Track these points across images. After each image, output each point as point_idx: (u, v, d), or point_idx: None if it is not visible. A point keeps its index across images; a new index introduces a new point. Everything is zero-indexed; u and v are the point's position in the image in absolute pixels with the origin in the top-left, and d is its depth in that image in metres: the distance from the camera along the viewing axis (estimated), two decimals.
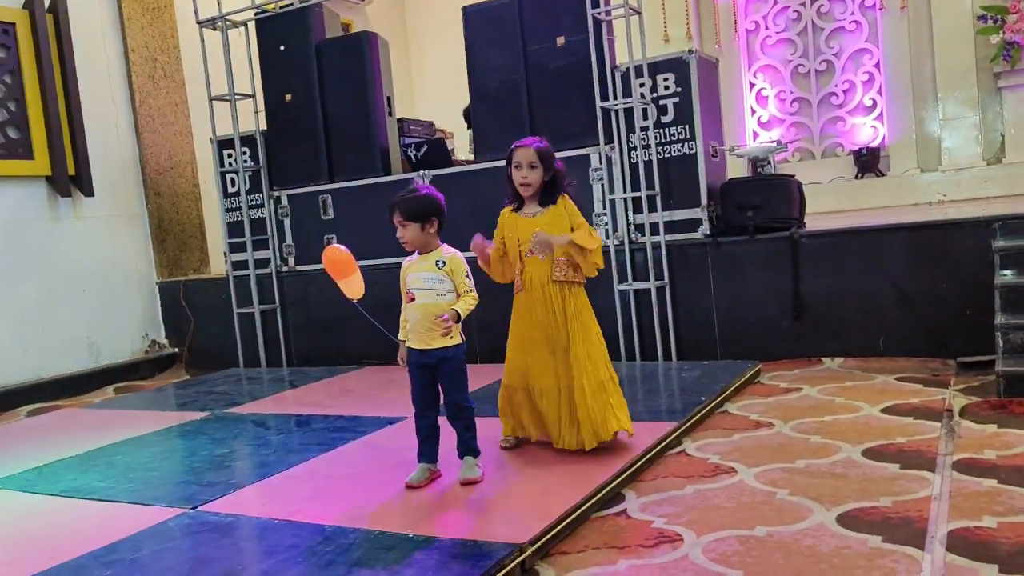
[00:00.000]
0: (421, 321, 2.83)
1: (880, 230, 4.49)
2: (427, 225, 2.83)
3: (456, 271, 2.84)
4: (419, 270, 2.86)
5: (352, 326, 5.80)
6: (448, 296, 2.83)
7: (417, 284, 2.85)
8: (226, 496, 2.95)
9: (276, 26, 6.01)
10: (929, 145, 7.93)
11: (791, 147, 8.45)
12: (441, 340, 2.81)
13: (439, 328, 2.75)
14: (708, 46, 8.69)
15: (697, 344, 4.80)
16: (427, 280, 2.83)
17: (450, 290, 2.83)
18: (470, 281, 2.86)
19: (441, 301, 2.82)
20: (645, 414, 3.61)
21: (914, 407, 3.48)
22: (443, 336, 2.78)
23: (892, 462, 2.81)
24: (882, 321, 4.37)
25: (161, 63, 6.77)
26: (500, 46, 5.27)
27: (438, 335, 2.80)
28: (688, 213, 4.85)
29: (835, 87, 8.38)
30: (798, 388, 4.00)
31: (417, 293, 2.85)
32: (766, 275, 4.64)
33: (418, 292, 2.85)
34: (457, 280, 2.83)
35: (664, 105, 4.85)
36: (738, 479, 2.79)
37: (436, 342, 2.82)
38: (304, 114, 5.94)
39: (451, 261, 2.84)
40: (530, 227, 3.06)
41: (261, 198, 6.16)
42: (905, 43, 7.93)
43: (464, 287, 2.84)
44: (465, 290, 2.84)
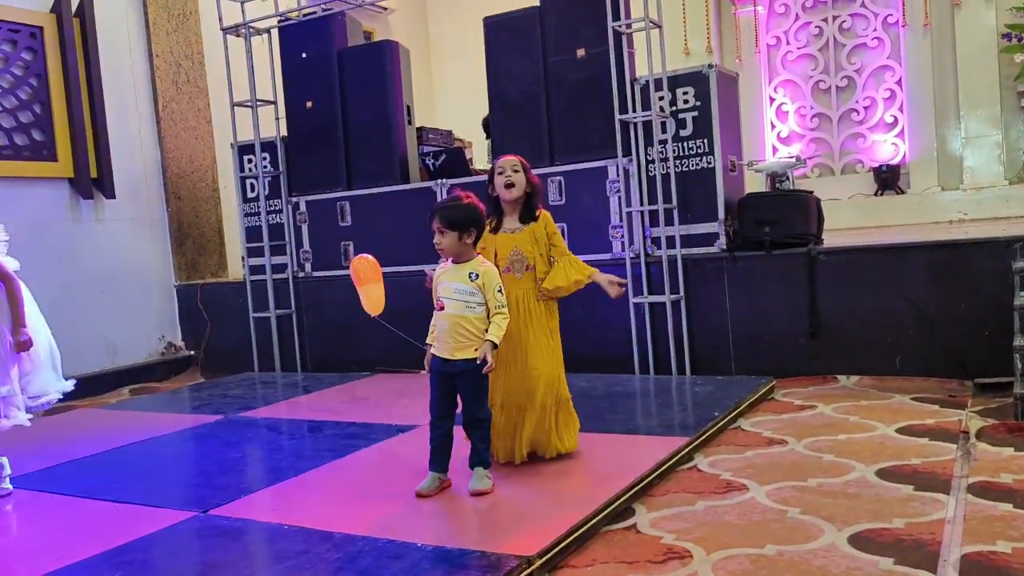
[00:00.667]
0: (448, 331, 2.83)
1: (899, 248, 4.46)
2: (465, 235, 2.83)
3: (488, 285, 2.82)
4: (452, 279, 2.85)
5: (367, 333, 5.82)
6: (478, 309, 2.82)
7: (448, 294, 2.84)
8: (237, 500, 2.96)
9: (299, 34, 6.06)
10: (950, 163, 7.88)
11: (810, 163, 8.42)
12: (465, 352, 2.81)
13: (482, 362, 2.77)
14: (729, 60, 8.69)
15: (711, 359, 4.78)
16: (458, 291, 2.82)
17: (480, 303, 2.82)
18: (502, 296, 2.85)
19: (470, 314, 2.82)
20: (657, 428, 3.60)
21: (930, 428, 3.45)
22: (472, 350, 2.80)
23: (906, 483, 2.78)
24: (899, 340, 4.34)
25: (185, 69, 6.84)
26: (520, 57, 5.29)
27: (464, 347, 2.80)
28: (705, 227, 4.83)
29: (856, 103, 8.35)
30: (812, 406, 3.97)
31: (447, 303, 2.84)
32: (782, 291, 4.62)
33: (448, 302, 2.84)
34: (489, 295, 2.82)
35: (683, 119, 4.85)
36: (750, 496, 2.77)
37: (460, 353, 2.82)
38: (324, 121, 5.99)
39: (484, 275, 2.83)
40: (508, 244, 3.11)
41: (280, 203, 6.20)
42: (928, 60, 7.90)
43: (495, 302, 2.83)
44: (496, 305, 2.82)
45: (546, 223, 3.13)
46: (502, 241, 3.13)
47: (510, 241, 3.11)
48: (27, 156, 5.73)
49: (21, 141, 5.70)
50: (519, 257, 3.09)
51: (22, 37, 5.72)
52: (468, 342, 2.81)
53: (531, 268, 3.09)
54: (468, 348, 2.81)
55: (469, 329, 2.82)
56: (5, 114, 5.62)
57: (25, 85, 5.74)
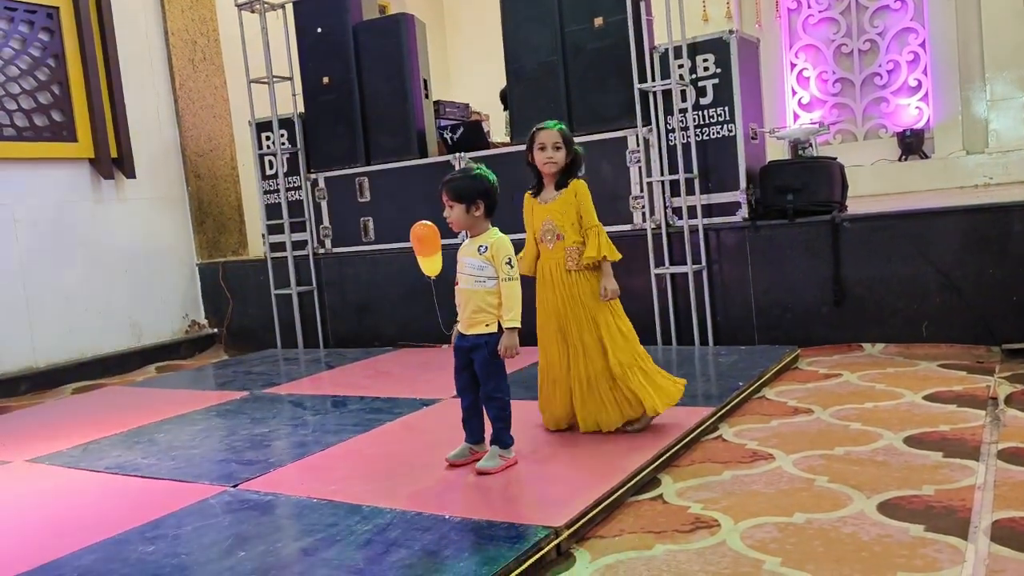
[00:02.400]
0: (463, 307, 2.83)
1: (924, 214, 4.40)
2: (472, 207, 2.79)
3: (497, 256, 2.77)
4: (465, 254, 2.84)
5: (389, 309, 5.85)
6: (488, 284, 2.79)
7: (461, 268, 2.84)
8: (265, 475, 3.00)
9: (313, 8, 6.03)
10: (976, 127, 7.75)
11: (832, 129, 8.30)
12: (477, 327, 2.81)
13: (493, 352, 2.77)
14: (748, 26, 8.56)
15: (735, 329, 4.76)
16: (469, 265, 2.80)
17: (491, 277, 2.78)
18: (511, 268, 2.79)
19: (480, 288, 2.79)
20: (683, 399, 3.59)
21: (958, 395, 3.42)
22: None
23: (935, 450, 2.76)
24: (925, 307, 4.29)
25: (200, 46, 6.83)
26: (537, 27, 5.23)
27: (477, 322, 2.80)
28: (727, 196, 4.79)
29: (879, 67, 8.21)
30: (838, 374, 3.95)
31: (461, 278, 2.84)
32: (806, 259, 4.57)
33: (462, 277, 2.84)
34: (498, 265, 2.77)
35: (703, 87, 4.79)
36: (776, 465, 2.76)
37: (473, 328, 2.82)
38: (341, 96, 5.97)
39: (493, 246, 2.79)
40: (543, 214, 3.09)
41: (299, 180, 6.21)
42: (952, 22, 7.74)
43: (504, 273, 2.77)
44: (504, 277, 2.77)
45: (576, 191, 3.06)
46: (538, 212, 3.11)
47: (544, 211, 3.09)
48: (47, 137, 5.76)
49: (41, 122, 5.73)
50: (550, 227, 3.07)
51: (39, 18, 5.73)
52: (480, 317, 2.80)
53: (561, 238, 3.07)
54: (480, 324, 2.80)
55: (480, 305, 2.79)
56: (25, 95, 5.65)
57: (43, 66, 5.76)
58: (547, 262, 3.10)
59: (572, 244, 3.06)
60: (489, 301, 2.80)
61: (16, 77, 5.61)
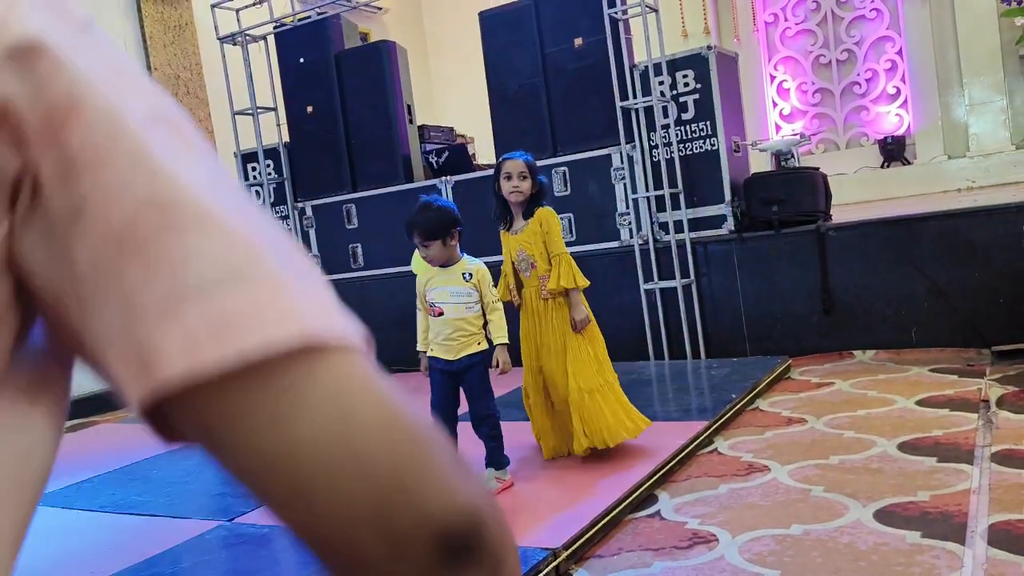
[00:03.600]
0: (450, 334, 2.86)
1: (909, 220, 4.43)
2: (448, 239, 2.83)
3: (483, 282, 2.87)
4: (445, 284, 2.87)
5: (380, 334, 5.83)
6: (475, 308, 2.87)
7: (444, 298, 2.86)
8: (262, 507, 2.97)
9: (295, 39, 6.06)
10: (956, 131, 7.82)
11: (814, 139, 8.38)
12: (468, 348, 2.85)
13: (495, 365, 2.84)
14: (727, 40, 8.64)
15: (726, 341, 4.77)
16: (454, 294, 2.85)
17: (477, 301, 2.87)
18: (494, 292, 2.91)
19: (470, 314, 2.86)
20: (676, 413, 3.60)
21: (949, 399, 3.44)
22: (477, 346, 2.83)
23: (929, 455, 2.77)
24: (914, 312, 4.32)
25: (184, 80, 6.85)
26: (518, 49, 5.28)
27: (467, 344, 2.85)
28: (712, 210, 4.82)
29: (858, 76, 8.29)
30: (830, 383, 3.96)
31: (445, 308, 2.87)
32: (793, 269, 4.60)
33: (447, 307, 2.86)
34: (485, 290, 2.87)
35: (684, 102, 4.83)
36: (772, 477, 2.76)
37: (464, 351, 2.85)
38: (326, 125, 5.99)
39: (477, 273, 2.87)
40: (515, 244, 3.13)
41: (286, 209, 6.21)
42: (928, 29, 7.83)
43: (491, 297, 2.88)
44: (492, 300, 2.87)
45: (541, 220, 3.07)
46: (511, 242, 3.15)
47: (515, 242, 3.12)
48: None
49: None
50: (524, 257, 3.09)
51: None
52: (471, 339, 2.87)
53: (534, 267, 3.09)
54: (472, 344, 2.87)
55: (470, 328, 2.87)
56: None
57: None
58: (527, 290, 3.14)
59: (544, 272, 3.08)
60: (476, 324, 2.87)
61: None
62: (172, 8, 6.81)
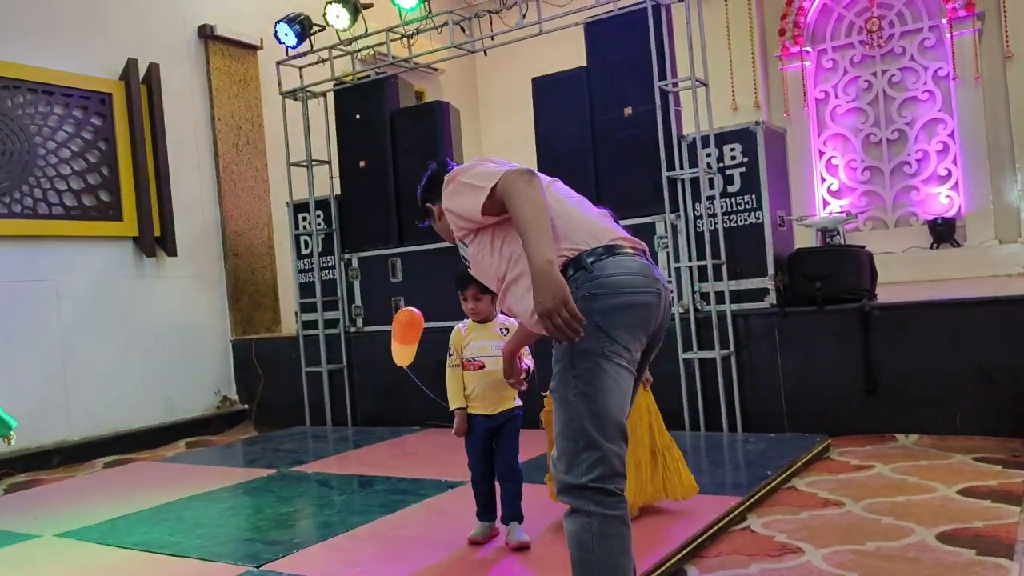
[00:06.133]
0: (491, 387, 2.93)
1: (957, 303, 4.38)
2: (495, 297, 2.88)
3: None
4: (485, 338, 2.96)
5: (417, 388, 5.87)
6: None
7: (485, 352, 2.95)
8: (290, 556, 2.99)
9: (354, 96, 6.27)
10: (1007, 215, 7.74)
11: (862, 217, 8.33)
12: (506, 403, 2.94)
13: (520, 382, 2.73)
14: (776, 114, 8.71)
15: (763, 416, 4.71)
16: (495, 348, 2.90)
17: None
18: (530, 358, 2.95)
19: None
20: (709, 486, 3.54)
21: (992, 489, 3.34)
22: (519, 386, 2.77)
23: (968, 547, 2.69)
24: (959, 398, 4.23)
25: (245, 131, 7.10)
26: (568, 115, 5.39)
27: (506, 398, 2.93)
28: (754, 282, 4.81)
29: (908, 156, 8.28)
30: (870, 465, 3.88)
31: (487, 361, 2.95)
32: (836, 347, 4.55)
33: (488, 359, 2.94)
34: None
35: (731, 175, 4.87)
36: (805, 560, 2.71)
37: (503, 405, 2.94)
38: (377, 179, 6.14)
39: (512, 328, 2.90)
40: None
41: (333, 260, 6.34)
42: (980, 113, 7.82)
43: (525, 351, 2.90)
44: (528, 354, 2.89)
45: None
46: None
47: None
48: (94, 216, 5.98)
49: (89, 202, 5.96)
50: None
51: (92, 103, 6.02)
52: (509, 393, 2.94)
53: None
54: (509, 399, 2.96)
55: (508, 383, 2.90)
56: (75, 176, 5.89)
57: (95, 148, 6.02)
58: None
59: None
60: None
61: (68, 159, 5.86)
62: (239, 63, 7.10)
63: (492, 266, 2.12)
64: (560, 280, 1.78)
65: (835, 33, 8.62)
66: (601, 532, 1.87)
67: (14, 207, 5.55)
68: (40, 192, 5.70)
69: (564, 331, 1.77)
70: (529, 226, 1.87)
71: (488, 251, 2.12)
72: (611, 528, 1.88)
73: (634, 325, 1.94)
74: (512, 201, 1.92)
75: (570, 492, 1.90)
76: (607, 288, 1.91)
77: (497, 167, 2.05)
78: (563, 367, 1.92)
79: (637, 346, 1.95)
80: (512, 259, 2.05)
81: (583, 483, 1.86)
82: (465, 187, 2.08)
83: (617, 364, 1.90)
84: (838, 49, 8.60)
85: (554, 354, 1.96)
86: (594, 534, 1.87)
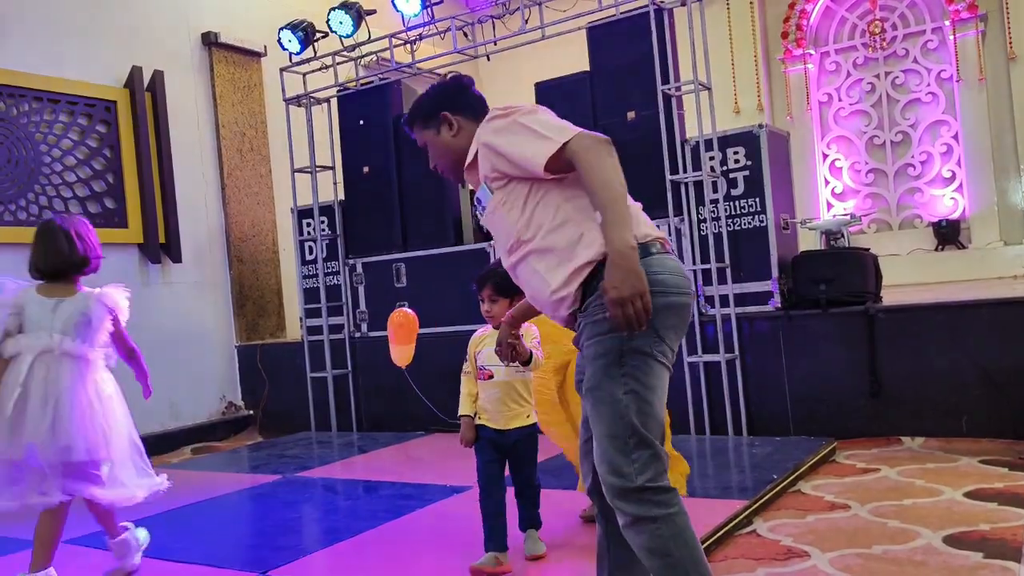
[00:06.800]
0: (500, 399, 2.78)
1: (962, 305, 4.37)
2: (513, 300, 2.68)
3: (530, 341, 2.74)
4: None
5: (423, 392, 5.88)
6: (527, 373, 2.77)
7: (495, 361, 2.71)
8: (295, 561, 3.00)
9: (357, 102, 6.28)
10: (1012, 217, 7.73)
11: (866, 219, 8.32)
12: (519, 420, 2.78)
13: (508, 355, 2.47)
14: (780, 117, 8.71)
15: (769, 419, 4.70)
16: None
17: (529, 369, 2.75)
18: (539, 355, 2.79)
19: (519, 377, 2.79)
20: (715, 491, 3.55)
21: (999, 492, 3.33)
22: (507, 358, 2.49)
23: (975, 551, 2.69)
24: (965, 400, 4.22)
25: (249, 137, 7.12)
26: (571, 120, 5.30)
27: (518, 414, 2.77)
28: (759, 286, 4.81)
29: (912, 158, 8.27)
30: (876, 469, 3.87)
31: (496, 371, 2.77)
32: (841, 350, 4.54)
33: (497, 369, 2.76)
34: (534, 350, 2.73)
35: (734, 178, 4.87)
36: (811, 564, 2.70)
37: (515, 422, 2.78)
38: (380, 185, 6.15)
39: (527, 333, 2.73)
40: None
41: (337, 265, 6.35)
42: (984, 114, 7.81)
43: (533, 338, 2.77)
44: (539, 359, 2.75)
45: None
46: None
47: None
48: (99, 223, 5.98)
49: (95, 209, 5.98)
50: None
51: (97, 111, 6.04)
52: (521, 408, 2.79)
53: None
54: (522, 415, 2.79)
55: (521, 393, 2.81)
56: (80, 183, 5.91)
57: (100, 156, 6.04)
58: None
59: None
60: (523, 392, 2.81)
61: (73, 166, 5.88)
62: (243, 70, 7.12)
63: (512, 224, 1.95)
64: (640, 270, 1.73)
65: (838, 35, 8.62)
66: (673, 533, 1.79)
67: (20, 215, 5.57)
68: (46, 199, 5.72)
69: (632, 323, 1.71)
70: (612, 205, 1.77)
71: (518, 208, 1.94)
72: (679, 524, 1.80)
73: (679, 326, 1.88)
74: (593, 171, 1.81)
75: (628, 498, 1.80)
76: (657, 287, 1.81)
77: (563, 122, 1.92)
78: (607, 363, 1.82)
79: (676, 348, 1.91)
80: (542, 229, 1.90)
81: (640, 485, 1.78)
82: (527, 131, 1.91)
83: (662, 364, 1.85)
84: (841, 51, 8.60)
85: (590, 350, 1.85)
86: (668, 538, 1.78)
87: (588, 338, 1.87)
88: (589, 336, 1.87)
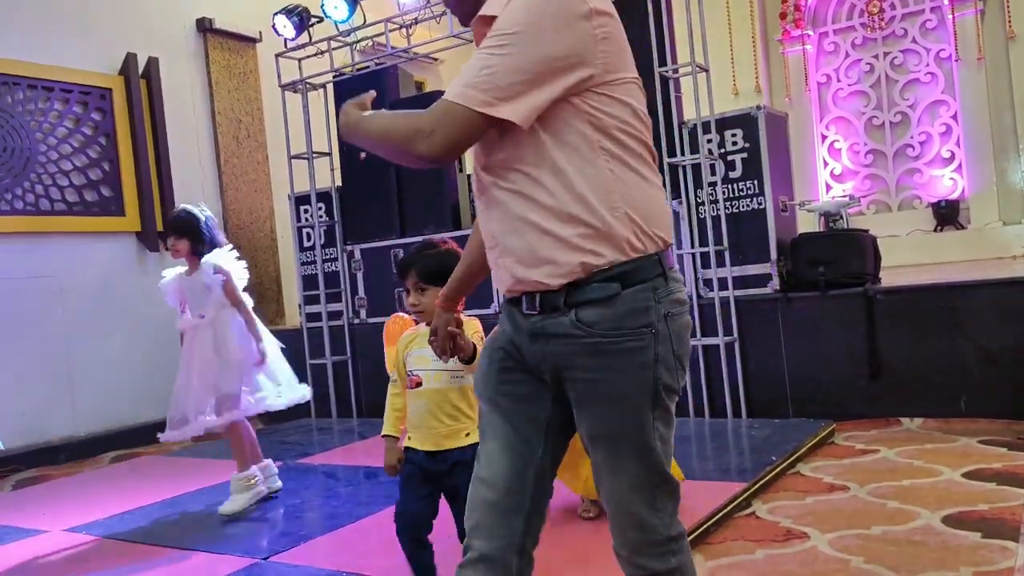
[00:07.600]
0: (430, 413, 2.23)
1: (961, 286, 4.37)
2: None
3: (474, 336, 2.12)
4: (427, 346, 1.98)
5: None
6: (467, 379, 2.19)
7: (424, 365, 2.23)
8: (297, 547, 3.01)
9: (353, 87, 6.23)
10: (1011, 197, 7.71)
11: (865, 200, 8.31)
12: (457, 438, 2.21)
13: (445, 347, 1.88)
14: (778, 98, 8.67)
15: (768, 402, 4.71)
16: (436, 359, 1.99)
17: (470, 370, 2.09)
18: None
19: (454, 386, 2.23)
20: (714, 473, 3.55)
21: (997, 472, 3.34)
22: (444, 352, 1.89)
23: (974, 530, 2.69)
24: (964, 381, 4.22)
25: (245, 124, 7.09)
26: None
27: (455, 431, 2.22)
28: (757, 268, 4.80)
29: (911, 139, 8.25)
30: (875, 450, 3.88)
31: (424, 376, 2.23)
32: (840, 331, 4.54)
33: (426, 375, 2.23)
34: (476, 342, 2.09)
35: (732, 160, 4.85)
36: (811, 545, 2.71)
37: (451, 441, 2.22)
38: (377, 171, 6.13)
39: (468, 324, 2.11)
40: None
41: (335, 252, 6.34)
42: (983, 94, 7.78)
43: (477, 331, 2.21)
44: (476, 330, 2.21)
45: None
46: None
47: None
48: (96, 212, 5.98)
49: (91, 197, 5.96)
50: None
51: (92, 99, 6.01)
52: (459, 424, 2.23)
53: None
54: (460, 433, 2.23)
55: (458, 405, 2.23)
56: (76, 172, 5.89)
57: (95, 144, 6.02)
58: None
59: None
60: (471, 401, 2.23)
61: (69, 155, 5.86)
62: (238, 56, 7.08)
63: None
64: None
65: (836, 16, 8.58)
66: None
67: (16, 204, 5.55)
68: (42, 188, 5.70)
69: None
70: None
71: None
72: (691, 567, 1.59)
73: (689, 350, 1.56)
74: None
75: (652, 552, 1.53)
76: (678, 307, 1.50)
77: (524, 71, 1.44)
78: (638, 405, 1.47)
79: None
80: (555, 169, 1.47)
81: (667, 536, 1.53)
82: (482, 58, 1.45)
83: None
84: (839, 32, 8.56)
85: (611, 385, 1.46)
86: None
87: (607, 369, 1.46)
88: (609, 364, 1.45)
